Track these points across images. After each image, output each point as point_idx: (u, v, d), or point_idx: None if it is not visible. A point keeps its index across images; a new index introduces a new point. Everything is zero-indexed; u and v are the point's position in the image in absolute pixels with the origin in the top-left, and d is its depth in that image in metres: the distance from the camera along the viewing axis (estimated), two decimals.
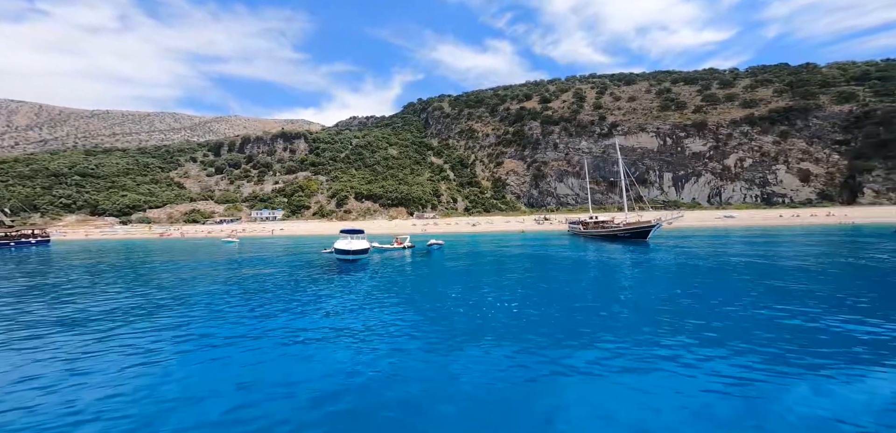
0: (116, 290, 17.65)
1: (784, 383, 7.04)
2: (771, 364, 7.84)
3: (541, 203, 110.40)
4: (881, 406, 6.14)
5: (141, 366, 8.43)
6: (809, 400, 6.34)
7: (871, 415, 5.86)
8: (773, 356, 8.19)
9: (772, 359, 8.05)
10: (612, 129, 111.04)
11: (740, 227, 46.08)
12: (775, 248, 27.74)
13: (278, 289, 17.28)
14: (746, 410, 6.12)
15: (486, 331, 10.60)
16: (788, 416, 5.86)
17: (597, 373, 7.53)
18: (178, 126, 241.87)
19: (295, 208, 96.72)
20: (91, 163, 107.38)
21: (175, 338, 10.58)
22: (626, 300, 13.78)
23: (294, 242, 44.75)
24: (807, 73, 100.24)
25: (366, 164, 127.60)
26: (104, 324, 12.03)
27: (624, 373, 7.46)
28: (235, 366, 8.35)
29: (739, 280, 16.61)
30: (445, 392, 7.09)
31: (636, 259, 24.19)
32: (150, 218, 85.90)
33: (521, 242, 36.99)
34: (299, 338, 10.24)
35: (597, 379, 7.30)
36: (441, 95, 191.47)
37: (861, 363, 7.79)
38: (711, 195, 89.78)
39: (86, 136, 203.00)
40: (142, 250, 39.81)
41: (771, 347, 8.68)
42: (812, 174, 80.00)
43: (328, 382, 7.40)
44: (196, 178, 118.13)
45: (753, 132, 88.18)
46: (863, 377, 7.14)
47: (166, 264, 27.88)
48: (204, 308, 13.99)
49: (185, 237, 59.59)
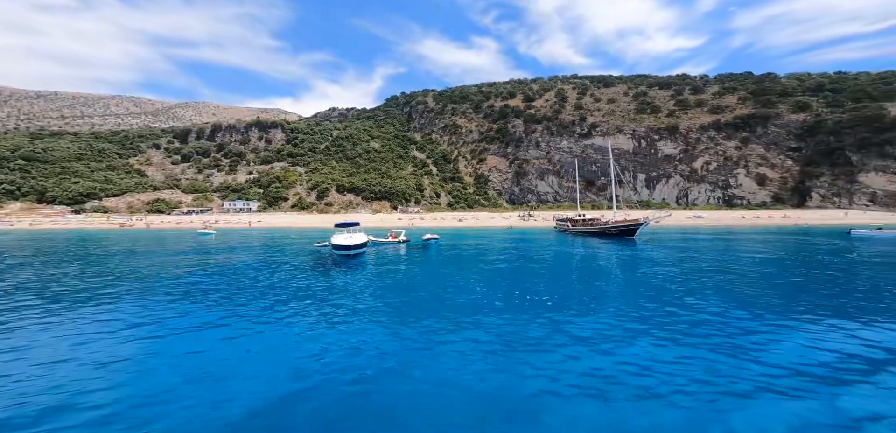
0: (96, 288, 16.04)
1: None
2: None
3: (522, 200, 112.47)
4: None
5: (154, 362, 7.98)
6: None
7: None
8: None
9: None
10: (591, 130, 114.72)
11: (708, 227, 49.29)
12: (750, 245, 29.85)
13: (279, 287, 16.39)
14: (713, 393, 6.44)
15: (515, 328, 10.54)
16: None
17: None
18: (138, 111, 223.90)
19: (272, 200, 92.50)
20: (38, 146, 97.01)
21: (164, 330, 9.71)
22: (631, 291, 14.25)
23: (278, 235, 42.73)
24: (768, 83, 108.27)
25: (347, 156, 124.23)
26: (90, 316, 10.85)
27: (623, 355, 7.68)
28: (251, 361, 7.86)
29: (717, 270, 17.67)
30: (458, 387, 6.96)
31: (629, 255, 25.15)
32: (108, 207, 78.97)
33: (512, 238, 37.44)
34: (323, 342, 9.67)
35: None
36: (425, 90, 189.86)
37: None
38: (679, 196, 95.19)
39: (29, 118, 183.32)
40: (102, 242, 36.52)
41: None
42: (768, 178, 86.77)
43: (352, 373, 7.24)
44: (159, 165, 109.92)
45: (719, 137, 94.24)
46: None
47: (134, 257, 25.72)
48: (202, 298, 12.99)
49: (150, 228, 55.29)
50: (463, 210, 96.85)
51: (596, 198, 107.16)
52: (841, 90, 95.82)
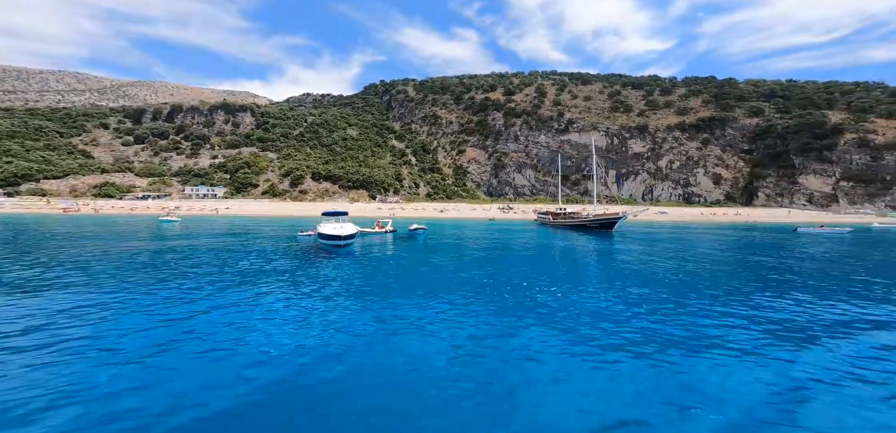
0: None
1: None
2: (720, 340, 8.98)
3: (499, 192, 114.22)
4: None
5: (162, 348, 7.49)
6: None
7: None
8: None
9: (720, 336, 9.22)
10: (568, 126, 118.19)
11: (671, 222, 52.85)
12: (719, 239, 32.22)
13: (269, 281, 15.40)
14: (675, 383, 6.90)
15: (521, 315, 10.54)
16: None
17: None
18: (82, 88, 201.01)
19: (240, 186, 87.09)
20: None
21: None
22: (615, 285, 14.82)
23: (252, 224, 40.23)
24: (728, 87, 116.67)
25: (322, 143, 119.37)
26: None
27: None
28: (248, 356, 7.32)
29: (684, 262, 18.89)
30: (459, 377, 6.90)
31: (609, 247, 26.24)
32: (47, 190, 70.54)
33: (496, 230, 37.89)
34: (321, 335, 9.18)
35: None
36: (405, 79, 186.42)
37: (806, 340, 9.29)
38: (645, 192, 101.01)
39: None
40: (50, 229, 32.59)
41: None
42: (722, 178, 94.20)
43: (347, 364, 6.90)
44: (108, 146, 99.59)
45: (683, 138, 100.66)
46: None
47: (87, 249, 23.19)
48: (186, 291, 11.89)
49: (99, 213, 50.06)
50: (442, 201, 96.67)
51: (570, 192, 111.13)
52: (790, 97, 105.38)
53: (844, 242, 28.82)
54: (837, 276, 15.37)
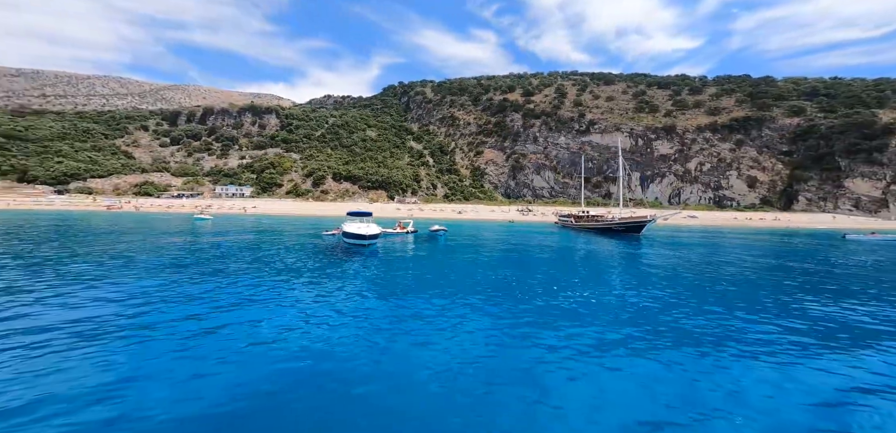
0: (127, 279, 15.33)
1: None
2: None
3: (517, 194, 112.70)
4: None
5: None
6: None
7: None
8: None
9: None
10: (590, 127, 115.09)
11: (702, 227, 50.14)
12: (760, 246, 30.36)
13: (304, 279, 15.92)
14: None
15: (551, 321, 10.37)
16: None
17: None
18: (125, 92, 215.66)
19: (266, 185, 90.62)
20: (19, 124, 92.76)
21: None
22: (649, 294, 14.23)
23: (279, 222, 41.77)
24: (765, 86, 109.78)
25: (343, 144, 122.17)
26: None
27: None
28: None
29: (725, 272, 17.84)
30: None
31: (640, 252, 25.29)
32: (93, 188, 76.18)
33: (515, 232, 37.40)
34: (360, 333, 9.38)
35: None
36: (423, 80, 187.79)
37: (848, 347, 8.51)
38: (672, 196, 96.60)
39: (9, 96, 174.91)
40: (96, 225, 35.18)
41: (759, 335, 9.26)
42: (758, 181, 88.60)
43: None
44: (147, 147, 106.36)
45: (714, 138, 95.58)
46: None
47: (141, 244, 24.77)
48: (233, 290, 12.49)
49: (139, 211, 53.51)
50: (459, 202, 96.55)
51: (591, 194, 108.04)
52: (835, 95, 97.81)
53: None
54: None
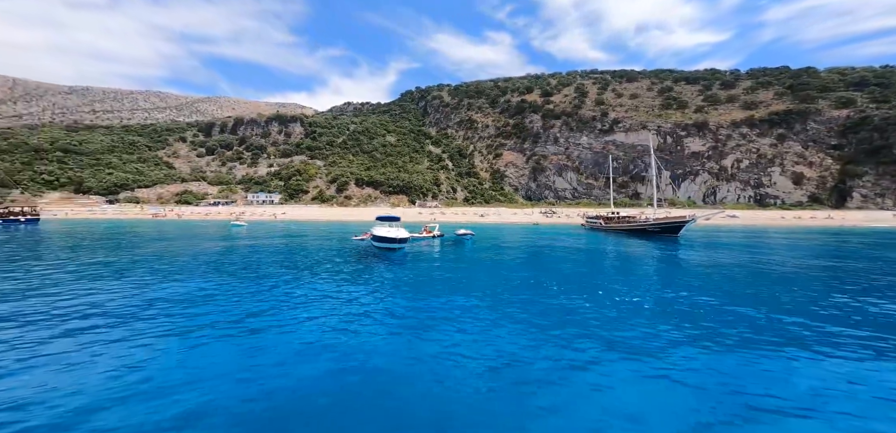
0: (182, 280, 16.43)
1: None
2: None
3: (539, 196, 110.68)
4: None
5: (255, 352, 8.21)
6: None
7: None
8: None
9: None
10: (613, 125, 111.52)
11: (742, 226, 47.01)
12: (814, 249, 28.16)
13: (341, 280, 16.37)
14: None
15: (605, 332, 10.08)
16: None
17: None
18: (164, 105, 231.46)
19: (293, 192, 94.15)
20: (73, 139, 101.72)
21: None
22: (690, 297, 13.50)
23: (309, 228, 43.25)
24: (807, 77, 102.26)
25: (364, 149, 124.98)
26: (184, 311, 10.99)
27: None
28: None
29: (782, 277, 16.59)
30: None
31: (681, 256, 24.11)
32: (139, 197, 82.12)
33: (542, 235, 36.66)
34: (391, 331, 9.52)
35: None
36: (440, 84, 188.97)
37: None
38: (707, 195, 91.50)
39: (63, 112, 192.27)
40: (146, 231, 37.82)
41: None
42: (805, 177, 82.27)
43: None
44: (186, 158, 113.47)
45: (752, 134, 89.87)
46: None
47: (188, 248, 26.36)
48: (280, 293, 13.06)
49: (181, 218, 57.10)
50: (480, 205, 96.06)
51: (617, 195, 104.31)
52: (889, 84, 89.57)
53: None
54: None
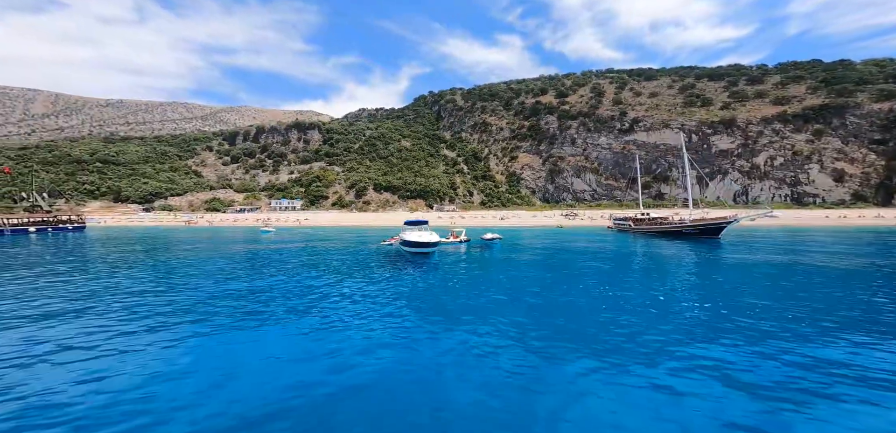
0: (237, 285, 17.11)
1: None
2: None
3: (556, 198, 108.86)
4: None
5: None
6: None
7: None
8: None
9: None
10: (633, 125, 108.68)
11: (782, 226, 44.51)
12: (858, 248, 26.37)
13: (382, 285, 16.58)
14: None
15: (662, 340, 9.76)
16: None
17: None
18: (190, 116, 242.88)
19: (313, 198, 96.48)
20: (111, 150, 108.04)
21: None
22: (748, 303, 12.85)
23: (334, 234, 44.16)
24: (842, 70, 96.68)
25: (380, 155, 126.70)
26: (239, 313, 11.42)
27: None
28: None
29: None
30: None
31: (716, 258, 23.10)
32: (172, 205, 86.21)
33: (568, 237, 35.96)
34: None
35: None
36: (453, 88, 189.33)
37: None
38: (738, 194, 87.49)
39: (100, 124, 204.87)
40: (191, 237, 39.55)
41: None
42: (847, 174, 77.40)
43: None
44: (213, 166, 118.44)
45: (786, 130, 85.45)
46: None
47: (231, 255, 27.37)
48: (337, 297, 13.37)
49: (212, 225, 59.51)
50: (497, 208, 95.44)
51: (638, 196, 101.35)
52: None
53: None
54: None
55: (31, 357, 8.07)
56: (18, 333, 9.54)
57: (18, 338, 9.20)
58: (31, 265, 21.29)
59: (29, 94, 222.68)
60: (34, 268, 19.96)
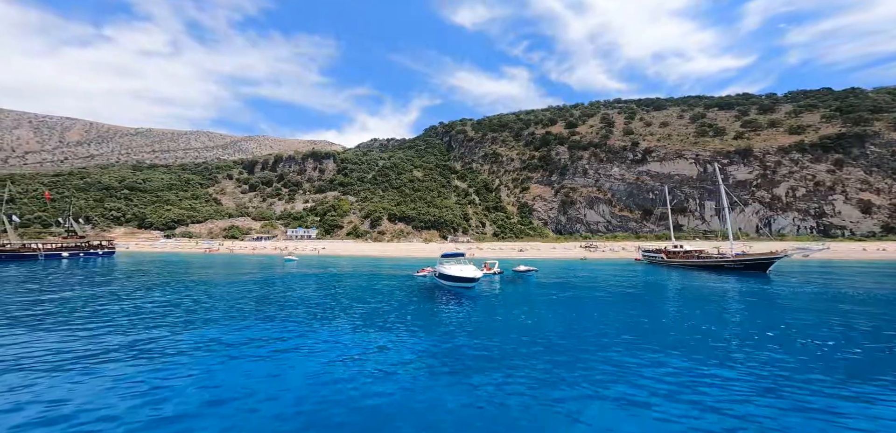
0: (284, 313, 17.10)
1: None
2: None
3: (570, 230, 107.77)
4: None
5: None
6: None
7: None
8: None
9: None
10: (646, 156, 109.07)
11: (819, 261, 42.78)
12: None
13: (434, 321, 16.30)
14: None
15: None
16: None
17: None
18: (212, 144, 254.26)
19: (329, 227, 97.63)
20: (139, 178, 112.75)
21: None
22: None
23: (352, 263, 44.20)
24: (854, 98, 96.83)
25: (393, 185, 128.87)
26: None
27: None
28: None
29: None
30: None
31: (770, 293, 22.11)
32: (193, 232, 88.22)
33: (597, 270, 35.10)
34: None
35: None
36: (463, 119, 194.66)
37: None
38: (760, 226, 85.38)
39: (129, 152, 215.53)
40: (208, 262, 40.02)
41: None
42: (874, 205, 75.19)
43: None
44: (231, 194, 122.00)
45: (804, 160, 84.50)
46: None
47: (265, 281, 27.46)
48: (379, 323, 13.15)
49: (232, 252, 60.35)
50: (511, 240, 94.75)
51: (655, 228, 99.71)
52: None
53: None
54: None
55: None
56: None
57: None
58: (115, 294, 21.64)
59: (66, 123, 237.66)
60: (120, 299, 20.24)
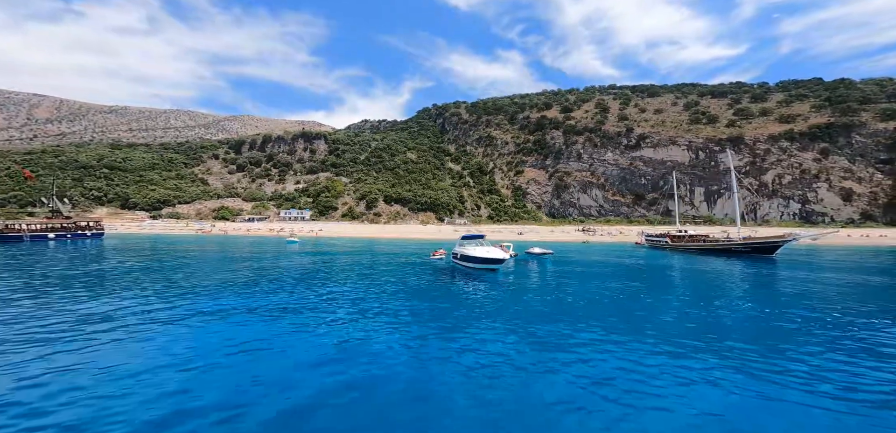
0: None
1: None
2: None
3: (563, 214, 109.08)
4: None
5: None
6: None
7: None
8: None
9: None
10: (640, 141, 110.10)
11: (806, 247, 44.56)
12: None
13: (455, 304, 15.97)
14: None
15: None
16: None
17: None
18: (193, 124, 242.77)
19: (323, 209, 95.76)
20: (118, 157, 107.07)
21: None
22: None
23: (351, 245, 43.45)
24: (844, 89, 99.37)
25: (386, 166, 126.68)
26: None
27: None
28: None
29: None
30: None
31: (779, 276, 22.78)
32: (180, 213, 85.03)
33: (603, 253, 35.53)
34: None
35: None
36: (457, 101, 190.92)
37: None
38: (746, 212, 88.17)
39: (103, 131, 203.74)
40: (207, 244, 38.61)
41: None
42: (855, 193, 78.53)
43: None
44: (218, 174, 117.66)
45: (793, 148, 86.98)
46: None
47: (280, 266, 26.58)
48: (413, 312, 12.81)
49: (225, 234, 58.53)
50: (506, 223, 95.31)
51: (647, 212, 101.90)
52: None
53: None
54: None
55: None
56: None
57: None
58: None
59: (34, 100, 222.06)
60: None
